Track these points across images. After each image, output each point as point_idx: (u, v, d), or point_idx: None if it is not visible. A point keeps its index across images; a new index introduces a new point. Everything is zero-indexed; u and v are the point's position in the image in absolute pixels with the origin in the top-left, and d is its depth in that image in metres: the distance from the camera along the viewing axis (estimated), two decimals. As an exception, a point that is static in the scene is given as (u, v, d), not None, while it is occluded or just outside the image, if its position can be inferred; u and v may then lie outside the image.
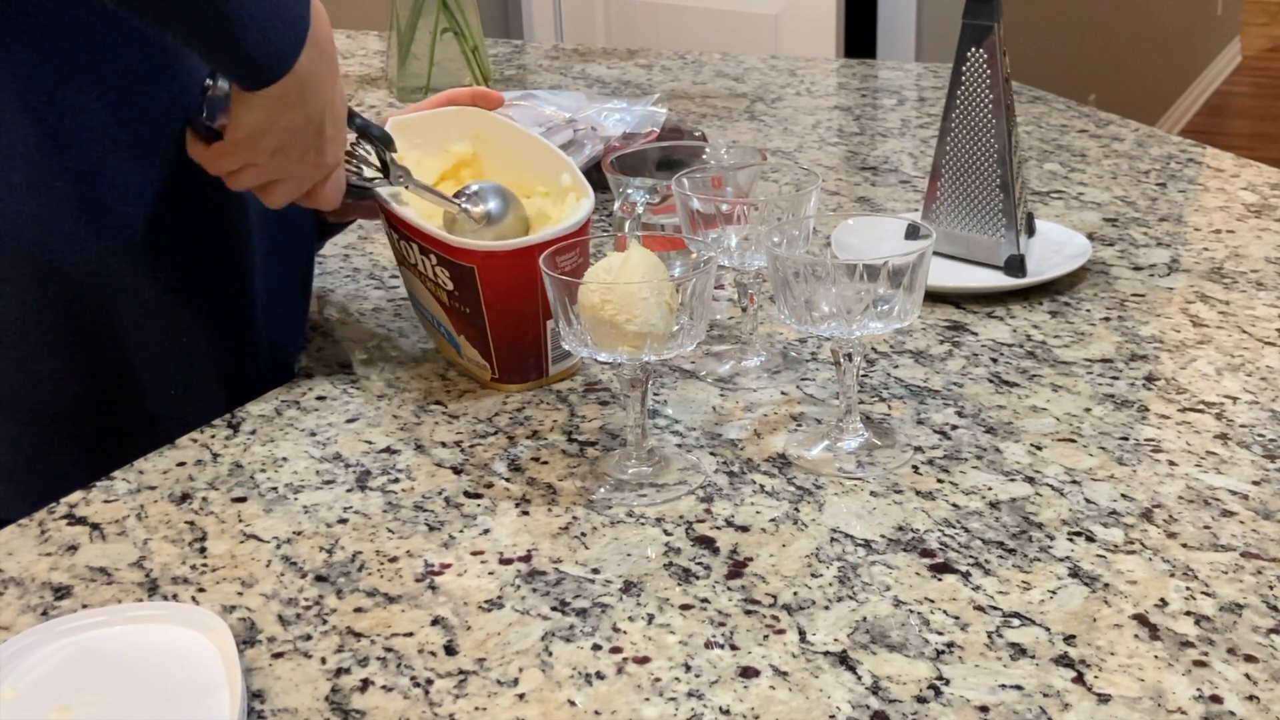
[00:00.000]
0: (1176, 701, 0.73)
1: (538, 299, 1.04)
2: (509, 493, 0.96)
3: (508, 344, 1.07)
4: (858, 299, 0.91)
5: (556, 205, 1.11)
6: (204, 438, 1.05)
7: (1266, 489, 0.92)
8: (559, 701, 0.75)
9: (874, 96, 2.07)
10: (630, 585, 0.84)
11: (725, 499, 0.93)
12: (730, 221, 1.05)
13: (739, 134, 1.83)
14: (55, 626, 0.81)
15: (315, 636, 0.81)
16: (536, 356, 1.08)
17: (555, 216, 1.09)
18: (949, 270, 1.28)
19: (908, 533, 0.89)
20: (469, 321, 1.07)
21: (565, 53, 2.39)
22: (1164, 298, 1.24)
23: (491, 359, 1.08)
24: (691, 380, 1.11)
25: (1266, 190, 1.52)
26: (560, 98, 1.68)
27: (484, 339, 1.07)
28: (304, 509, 0.95)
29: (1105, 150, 1.70)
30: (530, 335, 1.06)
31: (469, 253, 1.03)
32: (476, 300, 1.04)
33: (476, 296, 1.04)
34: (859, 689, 0.75)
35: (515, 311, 1.05)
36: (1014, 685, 0.74)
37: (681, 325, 0.91)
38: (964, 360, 1.13)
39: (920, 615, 0.80)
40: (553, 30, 4.01)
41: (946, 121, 1.28)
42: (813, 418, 1.04)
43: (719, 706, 0.74)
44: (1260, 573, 0.83)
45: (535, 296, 1.04)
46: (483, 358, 1.08)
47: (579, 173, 1.11)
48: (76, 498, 0.97)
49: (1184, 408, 1.04)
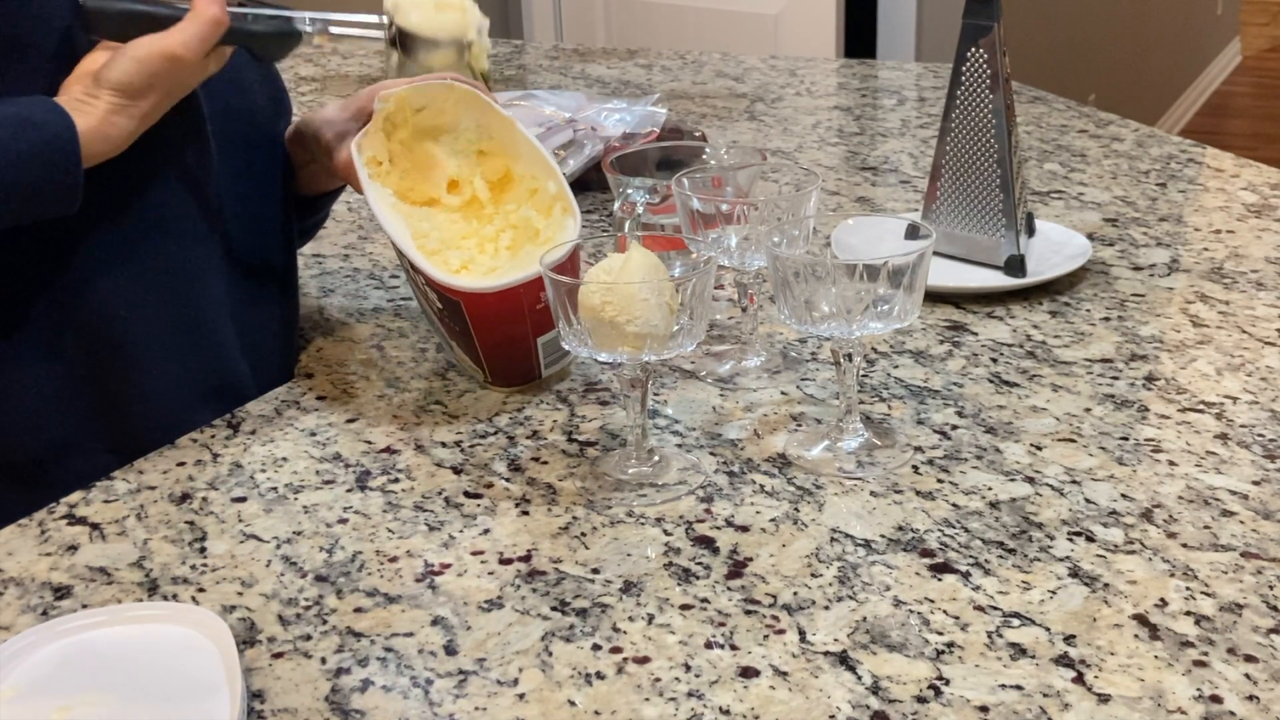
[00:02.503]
0: (1176, 701, 0.73)
1: (527, 323, 1.05)
2: (509, 493, 0.96)
3: (499, 359, 1.08)
4: (858, 299, 0.91)
5: (542, 215, 1.09)
6: (204, 438, 1.05)
7: (1266, 489, 0.92)
8: (559, 701, 0.75)
9: (874, 96, 2.07)
10: (630, 585, 0.84)
11: (725, 499, 0.93)
12: (730, 221, 1.05)
13: (739, 134, 1.83)
14: (55, 626, 0.81)
15: (315, 636, 0.81)
16: (528, 365, 1.09)
17: (541, 228, 1.08)
18: (949, 270, 1.28)
19: (908, 533, 0.89)
20: (460, 337, 1.08)
21: (565, 53, 2.39)
22: (1164, 298, 1.24)
23: (483, 368, 1.09)
24: (691, 380, 1.11)
25: (1266, 190, 1.52)
26: (560, 98, 1.68)
27: (475, 353, 1.08)
28: (304, 509, 0.95)
29: (1105, 150, 1.70)
30: (520, 351, 1.07)
31: (456, 291, 1.03)
32: (465, 326, 1.05)
33: (466, 324, 1.05)
34: (859, 689, 0.75)
35: (505, 335, 1.06)
36: (1014, 685, 0.74)
37: (681, 325, 0.91)
38: (964, 360, 1.13)
39: (920, 615, 0.80)
40: (553, 30, 4.01)
41: (946, 121, 1.28)
42: (813, 418, 1.04)
43: (719, 706, 0.74)
44: (1260, 573, 0.83)
45: (524, 321, 1.04)
46: (474, 364, 1.09)
47: (566, 184, 1.09)
48: (76, 498, 0.97)
49: (1184, 408, 1.04)
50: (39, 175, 0.93)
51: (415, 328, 1.23)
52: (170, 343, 1.05)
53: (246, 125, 1.12)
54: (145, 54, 0.96)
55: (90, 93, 0.95)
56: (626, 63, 2.27)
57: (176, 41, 0.96)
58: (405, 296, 1.31)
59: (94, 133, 0.95)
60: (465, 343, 1.07)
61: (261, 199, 1.14)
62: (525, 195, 1.11)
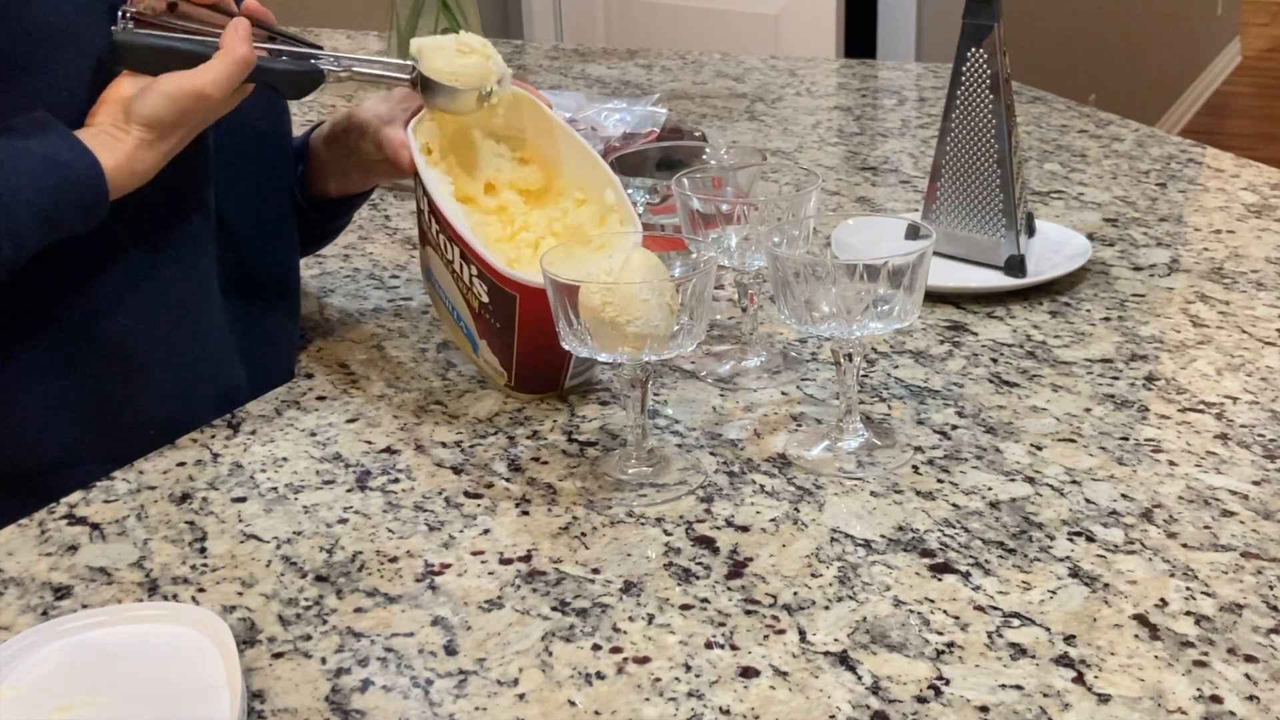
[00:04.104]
0: (1176, 701, 0.73)
1: None
2: (509, 493, 0.96)
3: (531, 363, 1.06)
4: (858, 299, 0.91)
5: (594, 223, 1.09)
6: (204, 438, 1.05)
7: (1266, 489, 0.92)
8: (559, 701, 0.75)
9: (874, 96, 2.07)
10: (630, 585, 0.84)
11: (725, 499, 0.93)
12: (730, 221, 1.05)
13: (739, 134, 1.83)
14: (55, 626, 0.81)
15: (315, 636, 0.81)
16: (557, 373, 1.07)
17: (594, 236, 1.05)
18: (949, 270, 1.28)
19: (908, 533, 0.89)
20: (496, 335, 1.06)
21: (565, 53, 2.39)
22: (1164, 298, 1.24)
23: (512, 371, 1.07)
24: (691, 380, 1.11)
25: (1266, 190, 1.52)
26: (560, 98, 1.68)
27: (508, 353, 1.06)
28: (304, 509, 0.95)
29: (1105, 150, 1.69)
30: (556, 357, 1.04)
31: (514, 283, 1.01)
32: (510, 323, 1.03)
33: (511, 321, 1.03)
34: (859, 689, 0.75)
35: (546, 335, 1.03)
36: (1014, 685, 0.74)
37: (681, 325, 0.91)
38: (964, 360, 1.13)
39: (920, 615, 0.80)
40: (553, 30, 4.01)
41: (946, 121, 1.28)
42: (813, 418, 1.04)
43: (719, 706, 0.74)
44: (1260, 573, 0.83)
45: None
46: (502, 366, 1.07)
47: (625, 196, 1.08)
48: (76, 498, 0.97)
49: (1184, 408, 1.04)
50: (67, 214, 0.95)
51: (415, 328, 1.23)
52: (177, 356, 1.05)
53: (248, 135, 1.12)
54: (176, 91, 0.97)
55: (120, 126, 0.96)
56: (626, 63, 2.27)
57: (207, 80, 0.97)
58: (405, 296, 1.31)
59: (122, 170, 0.96)
60: (500, 341, 1.05)
61: (265, 207, 1.14)
62: (572, 206, 1.10)
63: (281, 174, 1.17)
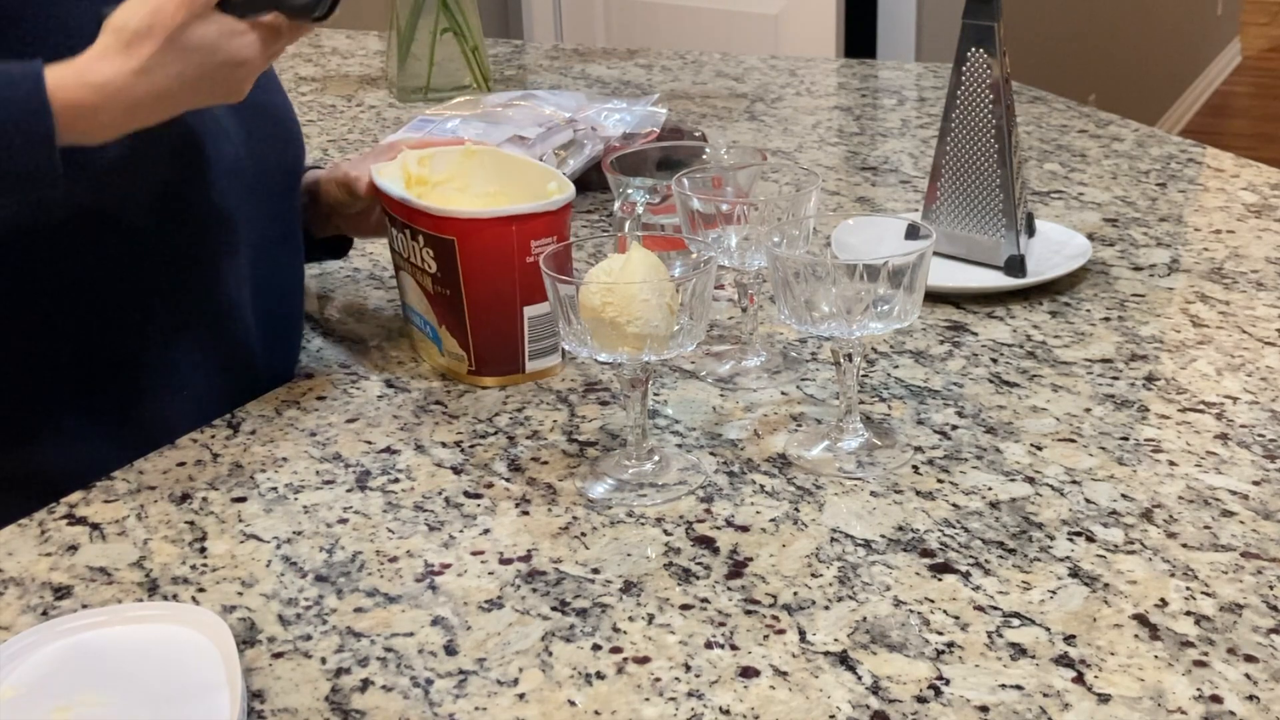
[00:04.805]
0: (1176, 701, 0.73)
1: (515, 278, 1.06)
2: (509, 493, 0.96)
3: (485, 327, 1.08)
4: (858, 299, 0.91)
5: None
6: (204, 438, 1.05)
7: (1266, 489, 0.92)
8: (559, 701, 0.75)
9: (874, 96, 2.07)
10: (630, 585, 0.84)
11: (725, 499, 0.93)
12: (730, 221, 1.05)
13: (739, 134, 1.83)
14: (55, 626, 0.81)
15: (315, 636, 0.81)
16: (513, 347, 1.09)
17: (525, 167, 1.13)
18: (949, 270, 1.28)
19: (908, 533, 0.89)
20: (450, 307, 1.08)
21: (565, 53, 2.39)
22: (1164, 298, 1.24)
23: (469, 348, 1.09)
24: (691, 380, 1.11)
25: (1266, 190, 1.52)
26: (560, 98, 1.68)
27: (462, 325, 1.08)
28: (304, 509, 0.95)
29: (1105, 150, 1.69)
30: (507, 320, 1.08)
31: (451, 223, 1.06)
32: (456, 279, 1.06)
33: (456, 274, 1.06)
34: (859, 689, 0.75)
35: (493, 291, 1.07)
36: (1014, 685, 0.74)
37: (681, 325, 0.91)
38: (964, 360, 1.13)
39: (920, 615, 0.80)
40: (553, 30, 4.00)
41: (946, 121, 1.28)
42: (813, 418, 1.04)
43: (719, 706, 0.74)
44: (1260, 573, 0.83)
45: (513, 274, 1.06)
46: (460, 347, 1.09)
47: (563, 176, 1.12)
48: (76, 498, 0.97)
49: (1184, 408, 1.04)
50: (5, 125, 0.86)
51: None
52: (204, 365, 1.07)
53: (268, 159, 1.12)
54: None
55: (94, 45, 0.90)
56: (626, 63, 2.27)
57: None
58: (405, 296, 1.32)
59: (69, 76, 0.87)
60: (452, 313, 1.08)
61: (279, 222, 1.15)
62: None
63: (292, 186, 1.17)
